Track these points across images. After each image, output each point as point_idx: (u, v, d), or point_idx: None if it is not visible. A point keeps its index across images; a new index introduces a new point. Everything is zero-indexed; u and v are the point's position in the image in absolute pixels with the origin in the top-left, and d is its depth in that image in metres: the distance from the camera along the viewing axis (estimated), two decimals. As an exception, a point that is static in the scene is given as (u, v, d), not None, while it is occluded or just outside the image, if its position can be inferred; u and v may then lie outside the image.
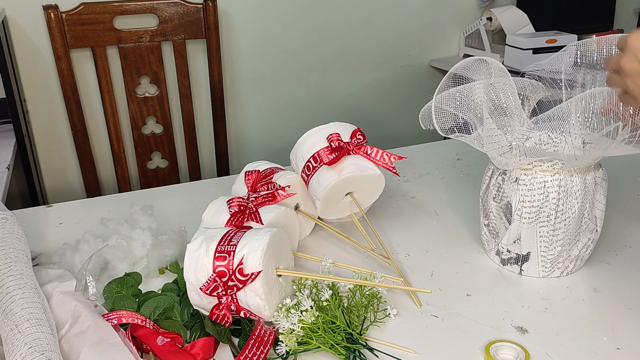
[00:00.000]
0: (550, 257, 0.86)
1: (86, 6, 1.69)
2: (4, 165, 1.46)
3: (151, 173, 1.93)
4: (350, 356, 0.71)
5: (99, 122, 1.92)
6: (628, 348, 0.73)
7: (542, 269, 0.87)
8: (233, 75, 2.07)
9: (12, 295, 0.69)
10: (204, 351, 0.72)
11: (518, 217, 0.84)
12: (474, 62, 0.87)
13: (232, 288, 0.72)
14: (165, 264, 0.91)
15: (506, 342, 0.72)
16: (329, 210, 0.96)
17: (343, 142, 0.95)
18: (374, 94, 2.33)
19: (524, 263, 0.88)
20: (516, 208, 0.84)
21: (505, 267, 0.90)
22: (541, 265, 0.87)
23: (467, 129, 0.87)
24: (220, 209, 0.88)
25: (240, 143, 2.19)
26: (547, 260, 0.86)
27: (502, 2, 2.33)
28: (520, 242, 0.86)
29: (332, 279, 0.78)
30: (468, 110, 0.86)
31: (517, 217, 0.84)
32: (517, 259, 0.88)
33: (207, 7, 1.79)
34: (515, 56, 2.08)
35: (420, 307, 0.82)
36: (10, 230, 0.81)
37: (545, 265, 0.87)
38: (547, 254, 0.86)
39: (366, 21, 2.19)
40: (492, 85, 0.86)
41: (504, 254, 0.89)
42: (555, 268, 0.87)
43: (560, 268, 0.87)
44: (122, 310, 0.75)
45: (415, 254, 0.96)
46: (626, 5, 2.56)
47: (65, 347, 0.69)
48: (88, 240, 0.91)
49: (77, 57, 1.82)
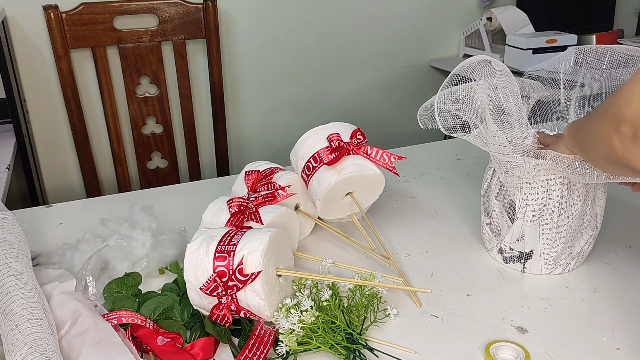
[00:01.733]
0: (554, 254, 0.86)
1: (86, 6, 1.69)
2: (4, 165, 1.46)
3: (151, 173, 1.93)
4: (350, 356, 0.71)
5: (99, 122, 1.92)
6: (628, 348, 0.73)
7: (544, 266, 0.87)
8: (233, 75, 2.07)
9: (12, 295, 0.69)
10: (204, 351, 0.72)
11: (522, 215, 0.84)
12: (478, 63, 0.87)
13: (232, 288, 0.72)
14: (165, 264, 0.91)
15: (506, 342, 0.72)
16: (329, 210, 0.96)
17: (343, 142, 0.95)
18: (374, 94, 2.33)
19: (527, 261, 0.88)
20: (520, 206, 0.84)
21: (507, 266, 0.90)
22: (544, 263, 0.87)
23: (467, 127, 0.87)
24: (220, 209, 0.88)
25: (240, 143, 2.19)
26: (550, 258, 0.86)
27: (502, 2, 2.33)
28: (524, 240, 0.86)
29: (332, 279, 0.78)
30: (469, 110, 0.86)
31: (521, 215, 0.84)
32: (520, 257, 0.88)
33: (207, 7, 1.79)
34: (515, 56, 2.08)
35: (420, 307, 0.82)
36: (10, 230, 0.81)
37: (548, 262, 0.87)
38: (550, 251, 0.86)
39: (366, 21, 2.19)
40: (493, 86, 0.86)
41: (507, 252, 0.89)
42: (558, 265, 0.87)
43: (562, 265, 0.87)
44: (122, 310, 0.75)
45: (415, 254, 0.96)
46: (626, 5, 2.56)
47: (65, 347, 0.69)
48: (88, 240, 0.91)
49: (77, 57, 1.82)
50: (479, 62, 0.87)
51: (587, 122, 0.68)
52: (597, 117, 0.64)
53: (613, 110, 0.58)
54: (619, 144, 0.58)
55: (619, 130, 0.57)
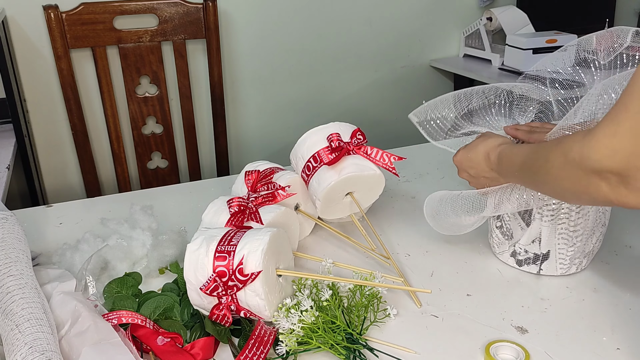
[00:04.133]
0: (570, 253, 0.86)
1: (86, 6, 1.69)
2: (4, 165, 1.46)
3: (151, 173, 1.93)
4: (350, 356, 0.71)
5: (99, 122, 1.92)
6: (628, 348, 0.73)
7: (560, 266, 0.87)
8: (233, 75, 2.07)
9: (12, 295, 0.69)
10: (204, 351, 0.72)
11: (539, 216, 0.84)
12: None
13: (232, 288, 0.72)
14: (165, 264, 0.91)
15: (506, 342, 0.72)
16: (329, 210, 0.96)
17: (343, 142, 0.95)
18: (374, 94, 2.33)
19: (544, 262, 0.87)
20: (537, 206, 0.84)
21: (521, 268, 0.89)
22: (559, 263, 0.87)
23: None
24: (220, 209, 0.88)
25: (240, 143, 2.19)
26: (566, 257, 0.86)
27: (502, 2, 2.33)
28: (540, 241, 0.86)
29: (332, 279, 0.78)
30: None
31: (539, 215, 0.84)
32: (536, 259, 0.87)
33: (207, 7, 1.79)
34: (515, 56, 2.09)
35: (420, 307, 0.82)
36: (11, 230, 0.81)
37: (564, 262, 0.87)
38: (567, 251, 0.86)
39: (366, 21, 2.19)
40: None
41: (521, 255, 0.88)
42: (572, 265, 0.87)
43: (576, 264, 0.87)
44: (122, 310, 0.75)
45: (415, 254, 0.96)
46: (626, 5, 2.56)
47: (65, 347, 0.69)
48: (88, 240, 0.91)
49: (77, 57, 1.82)
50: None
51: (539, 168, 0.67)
52: (560, 168, 0.62)
53: (591, 164, 0.57)
54: (609, 191, 0.57)
55: (605, 178, 0.57)
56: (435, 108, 0.93)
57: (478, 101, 0.92)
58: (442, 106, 0.93)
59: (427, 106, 0.92)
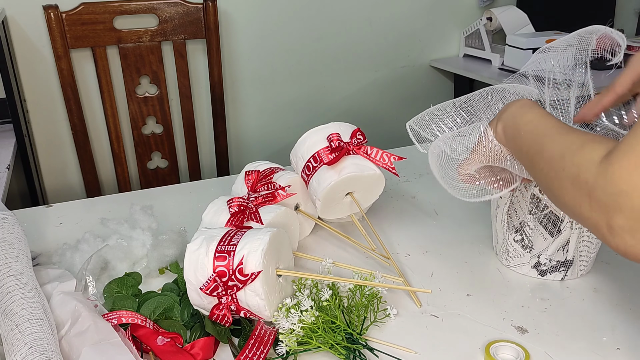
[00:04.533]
0: (592, 255, 0.87)
1: (86, 6, 1.69)
2: (4, 165, 1.46)
3: (151, 173, 1.93)
4: (350, 356, 0.71)
5: (99, 122, 1.92)
6: (628, 348, 0.73)
7: (581, 270, 0.87)
8: (233, 75, 2.07)
9: (12, 295, 0.69)
10: (204, 351, 0.72)
11: (570, 224, 0.82)
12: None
13: (232, 288, 0.72)
14: (165, 264, 0.91)
15: (506, 342, 0.72)
16: (329, 210, 0.96)
17: (343, 142, 0.95)
18: (374, 94, 2.33)
19: (569, 268, 0.86)
20: (564, 215, 0.82)
21: (544, 278, 0.88)
22: (580, 267, 0.87)
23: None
24: (220, 209, 0.88)
25: (240, 143, 2.19)
26: (589, 260, 0.87)
27: (502, 2, 2.33)
28: (567, 248, 0.85)
29: (332, 279, 0.78)
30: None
31: (569, 223, 0.82)
32: (561, 266, 0.86)
33: (207, 7, 1.79)
34: (515, 56, 2.09)
35: (420, 307, 0.82)
36: (10, 230, 0.81)
37: (586, 266, 0.87)
38: (590, 254, 0.86)
39: (366, 21, 2.19)
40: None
41: (545, 265, 0.87)
42: (590, 267, 0.88)
43: (590, 265, 0.89)
44: (122, 310, 0.75)
45: (415, 254, 0.96)
46: (626, 5, 2.56)
47: (65, 347, 0.69)
48: (88, 240, 0.91)
49: (77, 57, 1.82)
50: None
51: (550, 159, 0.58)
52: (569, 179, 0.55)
53: (605, 198, 0.50)
54: (612, 237, 0.50)
55: (611, 220, 0.49)
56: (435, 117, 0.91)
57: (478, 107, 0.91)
58: (442, 115, 0.91)
59: (427, 114, 0.90)
